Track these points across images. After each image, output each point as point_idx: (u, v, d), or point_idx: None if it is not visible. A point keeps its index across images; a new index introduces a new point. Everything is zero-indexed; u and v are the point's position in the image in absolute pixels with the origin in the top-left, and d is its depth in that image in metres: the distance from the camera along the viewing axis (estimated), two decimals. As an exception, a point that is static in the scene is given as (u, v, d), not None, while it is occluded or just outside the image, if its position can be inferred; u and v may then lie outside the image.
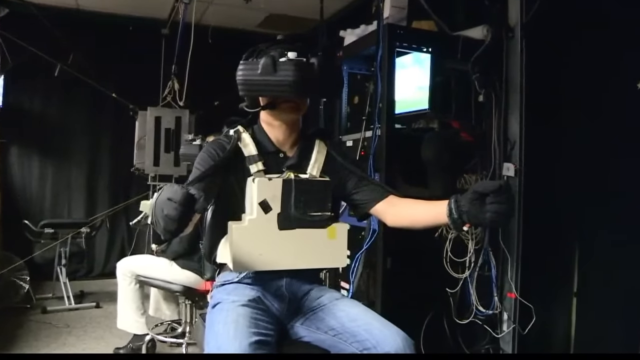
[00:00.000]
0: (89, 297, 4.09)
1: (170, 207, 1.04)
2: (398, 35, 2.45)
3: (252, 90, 1.37)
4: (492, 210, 1.19)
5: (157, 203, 1.06)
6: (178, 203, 1.04)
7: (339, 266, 1.47)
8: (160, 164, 4.13)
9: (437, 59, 2.50)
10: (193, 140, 3.02)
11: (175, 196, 1.04)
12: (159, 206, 1.06)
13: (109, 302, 3.88)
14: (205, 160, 1.42)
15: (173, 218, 1.04)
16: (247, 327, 1.28)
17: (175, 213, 1.04)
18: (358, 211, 1.54)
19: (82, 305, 3.83)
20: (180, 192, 1.05)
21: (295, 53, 1.36)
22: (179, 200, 1.04)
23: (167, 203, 1.04)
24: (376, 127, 2.42)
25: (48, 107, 4.65)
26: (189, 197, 1.06)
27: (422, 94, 2.50)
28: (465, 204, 1.23)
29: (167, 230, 1.06)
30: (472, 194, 1.22)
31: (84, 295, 4.14)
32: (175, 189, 1.06)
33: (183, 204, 1.04)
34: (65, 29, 4.07)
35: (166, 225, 1.05)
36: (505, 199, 1.19)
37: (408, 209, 1.44)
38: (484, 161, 2.55)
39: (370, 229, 2.32)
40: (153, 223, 1.09)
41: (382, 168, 2.35)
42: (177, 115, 4.18)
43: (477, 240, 2.46)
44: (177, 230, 1.06)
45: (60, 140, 4.69)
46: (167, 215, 1.04)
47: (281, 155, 1.48)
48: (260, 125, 1.51)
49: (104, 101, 4.49)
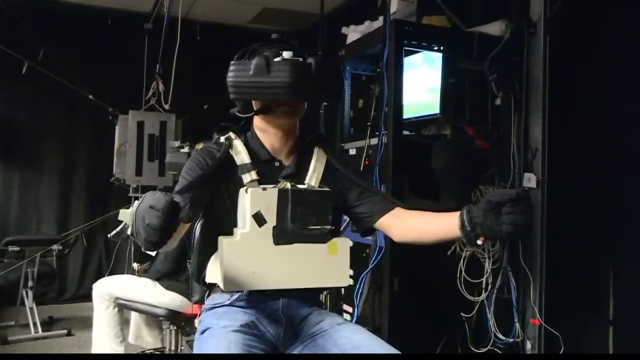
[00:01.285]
0: (60, 324, 4.11)
1: (153, 216, 1.08)
2: (406, 32, 2.52)
3: (244, 93, 1.42)
4: (509, 221, 1.22)
5: (138, 211, 1.10)
6: (161, 211, 1.08)
7: (341, 285, 1.51)
8: (143, 173, 4.18)
9: (449, 58, 2.55)
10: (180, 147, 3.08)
11: (158, 204, 1.08)
12: (139, 215, 1.10)
13: (82, 329, 3.91)
14: (193, 170, 1.46)
15: (155, 227, 1.08)
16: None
17: (158, 222, 1.07)
18: (361, 225, 1.58)
19: (51, 333, 3.83)
20: (164, 199, 1.09)
21: (291, 52, 1.41)
22: (162, 208, 1.08)
23: (148, 211, 1.08)
24: (382, 134, 2.47)
25: (14, 110, 4.70)
26: (172, 204, 1.10)
27: (433, 97, 2.56)
28: (479, 215, 1.26)
29: (148, 241, 1.10)
30: (487, 204, 1.25)
31: (53, 322, 4.16)
32: (157, 196, 1.10)
33: (166, 212, 1.08)
34: (34, 21, 4.09)
35: (148, 236, 1.09)
36: (523, 209, 1.22)
37: (416, 221, 1.48)
38: (502, 171, 2.60)
39: (375, 246, 2.37)
40: (133, 234, 1.13)
41: (389, 179, 2.40)
42: (162, 120, 4.24)
43: (495, 259, 2.50)
44: (159, 241, 1.10)
45: (29, 147, 4.72)
46: (149, 224, 1.08)
47: (276, 164, 1.53)
48: (254, 131, 1.56)
49: (80, 103, 4.54)
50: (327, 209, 1.45)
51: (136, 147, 4.18)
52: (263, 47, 1.48)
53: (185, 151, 3.03)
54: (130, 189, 4.22)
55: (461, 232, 1.30)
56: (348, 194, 1.57)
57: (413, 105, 2.61)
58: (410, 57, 2.62)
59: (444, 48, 2.58)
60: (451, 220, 1.34)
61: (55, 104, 4.71)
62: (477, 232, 1.28)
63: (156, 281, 2.88)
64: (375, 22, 2.86)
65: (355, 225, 1.67)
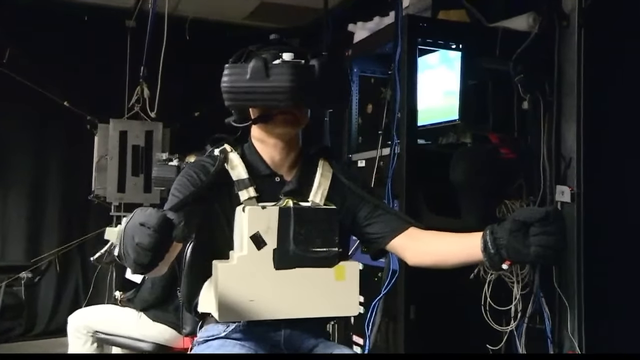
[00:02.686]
0: (29, 365, 4.10)
1: (144, 234, 1.11)
2: (421, 28, 2.57)
3: (240, 99, 1.46)
4: (538, 243, 1.24)
5: (127, 229, 1.13)
6: (153, 229, 1.11)
7: (350, 315, 1.53)
8: (127, 189, 4.21)
9: (469, 58, 2.60)
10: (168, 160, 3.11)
11: (150, 220, 1.11)
12: (129, 233, 1.13)
13: (56, 368, 3.91)
14: (184, 186, 1.50)
15: (146, 247, 1.11)
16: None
17: (150, 241, 1.10)
18: (372, 247, 1.62)
19: (18, 377, 3.82)
20: (156, 215, 1.12)
21: (292, 54, 1.44)
22: (154, 225, 1.11)
23: (139, 229, 1.11)
24: (395, 143, 2.51)
25: (-24, 118, 4.69)
26: (166, 221, 1.13)
27: (451, 100, 2.60)
28: (504, 236, 1.29)
29: (138, 263, 1.13)
30: (513, 224, 1.28)
31: (20, 363, 4.15)
32: (149, 212, 1.13)
33: (159, 230, 1.11)
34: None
35: (137, 257, 1.12)
36: (554, 229, 1.24)
37: (433, 243, 1.51)
38: (531, 184, 2.63)
39: (388, 270, 2.40)
40: (121, 255, 1.16)
41: (402, 194, 2.44)
42: (147, 129, 4.28)
43: (525, 283, 2.52)
44: (150, 263, 1.13)
45: (-7, 160, 4.72)
46: (140, 243, 1.11)
47: (277, 179, 1.56)
48: (252, 142, 1.60)
49: (53, 111, 4.54)
50: (334, 229, 1.48)
51: (118, 160, 4.22)
52: (261, 49, 1.52)
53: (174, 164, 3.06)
54: (111, 207, 4.24)
55: (484, 255, 1.33)
56: (357, 212, 1.61)
57: (429, 110, 2.65)
58: (426, 56, 2.67)
59: (463, 46, 2.63)
60: (473, 241, 1.37)
61: (24, 112, 4.66)
62: (502, 255, 1.30)
63: (142, 312, 2.90)
64: (385, 18, 2.91)
65: (365, 247, 1.70)
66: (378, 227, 1.58)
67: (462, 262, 1.45)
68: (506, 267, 1.33)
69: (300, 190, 1.55)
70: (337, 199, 1.58)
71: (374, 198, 1.62)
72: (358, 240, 1.81)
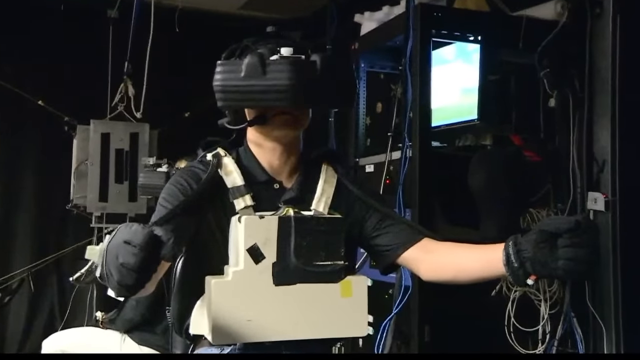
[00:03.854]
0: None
1: (128, 253, 1.13)
2: (435, 18, 2.59)
3: (234, 99, 1.47)
4: (567, 256, 1.26)
5: (110, 248, 1.16)
6: (139, 247, 1.13)
7: (358, 335, 1.54)
8: (109, 198, 4.22)
9: (489, 50, 2.62)
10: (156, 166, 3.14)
11: (135, 238, 1.14)
12: (112, 252, 1.15)
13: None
14: (174, 195, 1.52)
15: (132, 267, 1.13)
16: None
17: (135, 260, 1.13)
18: (382, 261, 1.63)
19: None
20: (142, 232, 1.15)
21: (291, 49, 1.47)
22: (140, 243, 1.14)
23: (123, 247, 1.14)
24: (406, 146, 2.53)
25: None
26: (153, 239, 1.16)
27: (469, 98, 2.62)
28: (529, 248, 1.30)
29: (122, 284, 1.16)
30: (539, 235, 1.29)
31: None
32: (134, 229, 1.16)
33: (145, 249, 1.14)
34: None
35: (122, 279, 1.15)
36: (584, 241, 1.26)
37: (450, 256, 1.53)
38: (559, 190, 2.65)
39: (400, 286, 2.41)
40: (103, 276, 1.19)
41: (415, 202, 2.46)
42: (132, 132, 4.29)
43: (554, 301, 2.53)
44: (136, 284, 1.16)
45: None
46: (124, 264, 1.14)
47: (276, 186, 1.59)
48: (248, 146, 1.62)
49: (26, 112, 4.54)
50: (339, 241, 1.50)
51: (100, 165, 4.22)
52: (257, 43, 1.54)
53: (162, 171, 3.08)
54: (92, 218, 4.25)
55: (506, 269, 1.34)
56: (365, 222, 1.63)
57: (444, 109, 2.67)
58: (440, 49, 2.69)
59: (482, 37, 2.65)
60: (493, 254, 1.38)
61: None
62: (527, 270, 1.31)
63: (126, 334, 2.91)
64: (395, 7, 2.94)
65: (374, 261, 1.72)
66: (388, 239, 1.60)
67: (482, 277, 1.47)
68: (531, 283, 1.34)
69: (302, 197, 1.57)
70: (343, 208, 1.60)
71: (383, 206, 1.64)
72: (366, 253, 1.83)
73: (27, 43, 4.59)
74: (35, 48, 4.61)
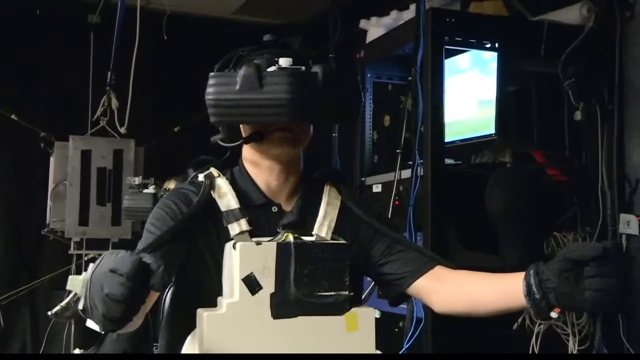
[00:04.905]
0: None
1: (115, 283, 1.14)
2: (448, 25, 2.62)
3: (228, 114, 1.48)
4: (594, 286, 1.26)
5: (95, 277, 1.17)
6: (126, 276, 1.14)
7: (364, 374, 1.55)
8: (90, 222, 4.21)
9: (508, 59, 2.64)
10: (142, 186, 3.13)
11: (122, 266, 1.15)
12: (96, 282, 1.16)
13: None
14: (163, 219, 1.53)
15: (119, 298, 1.14)
16: None
17: (122, 291, 1.14)
18: (391, 290, 1.64)
19: None
20: (129, 260, 1.16)
21: (290, 59, 1.48)
22: (128, 271, 1.14)
23: (109, 277, 1.15)
24: (417, 164, 2.55)
25: None
26: (141, 267, 1.17)
27: (486, 111, 2.63)
28: (552, 278, 1.31)
29: (108, 317, 1.16)
30: (562, 262, 1.30)
31: None
32: (121, 256, 1.17)
33: (134, 278, 1.14)
34: None
35: (108, 311, 1.15)
36: (614, 270, 1.26)
37: (465, 285, 1.54)
38: (587, 212, 2.65)
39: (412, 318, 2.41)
40: (87, 309, 1.19)
41: (427, 225, 2.47)
42: (115, 148, 4.29)
43: (583, 336, 2.52)
44: (123, 317, 1.16)
45: None
46: (110, 294, 1.14)
47: (274, 209, 1.60)
48: (243, 166, 1.64)
49: None
50: (344, 269, 1.50)
51: (80, 186, 4.22)
52: (253, 53, 1.57)
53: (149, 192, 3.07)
54: (71, 244, 4.23)
55: (527, 301, 1.35)
56: (372, 248, 1.64)
57: (459, 123, 2.69)
58: (454, 58, 2.72)
59: (500, 45, 2.67)
60: (513, 284, 1.39)
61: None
62: (550, 302, 1.32)
63: (106, 373, 2.91)
64: (404, 12, 2.96)
65: (382, 291, 1.73)
66: (397, 266, 1.61)
67: (501, 309, 1.47)
68: (555, 316, 1.34)
69: (302, 221, 1.59)
70: (347, 232, 1.61)
71: (392, 231, 1.65)
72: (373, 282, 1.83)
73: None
74: (7, 56, 4.59)
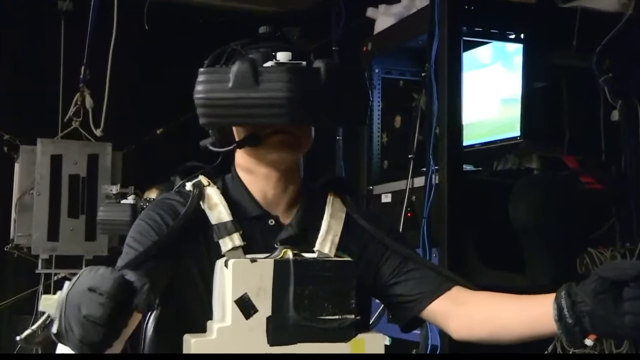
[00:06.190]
0: None
1: (94, 303, 1.15)
2: (467, 12, 2.63)
3: (220, 115, 1.49)
4: (635, 310, 1.26)
5: (71, 297, 1.17)
6: (107, 295, 1.15)
7: (372, 408, 1.55)
8: (61, 237, 4.21)
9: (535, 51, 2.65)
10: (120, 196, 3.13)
11: (102, 284, 1.15)
12: (73, 302, 1.17)
13: None
14: (146, 233, 1.54)
15: (98, 321, 1.14)
16: None
17: (102, 312, 1.14)
18: (402, 314, 1.65)
19: None
20: (110, 277, 1.16)
21: (289, 53, 1.49)
22: (109, 290, 1.15)
23: (87, 296, 1.15)
24: (432, 170, 2.56)
25: None
26: (124, 285, 1.17)
27: (510, 110, 2.65)
28: (587, 300, 1.31)
29: (86, 342, 1.16)
30: (598, 283, 1.30)
31: None
32: (101, 273, 1.17)
33: (115, 297, 1.15)
34: None
35: (85, 334, 1.16)
36: None
37: (486, 309, 1.55)
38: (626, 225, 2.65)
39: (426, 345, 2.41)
40: (61, 332, 1.19)
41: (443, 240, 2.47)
42: (90, 153, 4.28)
43: (623, 365, 2.53)
44: (102, 341, 1.17)
45: None
46: (88, 316, 1.15)
47: (271, 222, 1.61)
48: (236, 173, 1.65)
49: None
50: (349, 290, 1.49)
51: (49, 195, 4.22)
52: (248, 47, 1.58)
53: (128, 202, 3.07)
54: (39, 262, 4.23)
55: (559, 326, 1.35)
56: (381, 267, 1.65)
57: (479, 124, 2.71)
58: (474, 51, 2.74)
59: (526, 35, 2.69)
60: (542, 307, 1.39)
61: None
62: (585, 327, 1.31)
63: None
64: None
65: (392, 314, 1.73)
66: (410, 287, 1.62)
67: (528, 335, 1.47)
68: (591, 344, 1.34)
69: (303, 236, 1.59)
70: (353, 249, 1.62)
71: (404, 247, 1.65)
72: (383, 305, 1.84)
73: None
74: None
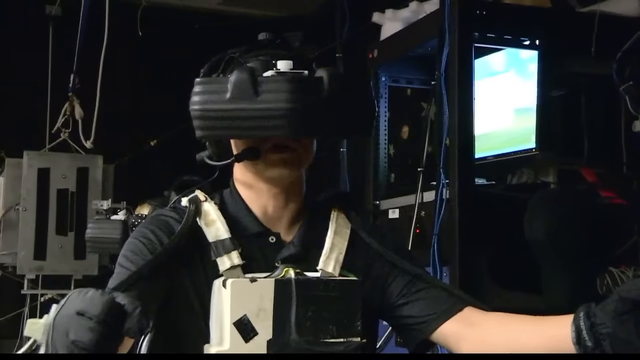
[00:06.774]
0: None
1: (82, 327, 1.15)
2: (479, 17, 2.63)
3: (217, 128, 1.50)
4: None
5: (59, 321, 1.18)
6: (96, 319, 1.15)
7: None
8: (48, 255, 4.21)
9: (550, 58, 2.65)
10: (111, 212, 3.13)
11: (92, 308, 1.16)
12: (61, 326, 1.17)
13: None
14: (139, 252, 1.55)
15: (87, 346, 1.15)
16: None
17: (91, 337, 1.15)
18: (411, 337, 1.64)
19: None
20: (100, 300, 1.17)
21: (290, 62, 1.50)
22: (98, 314, 1.16)
23: (76, 320, 1.16)
24: (442, 184, 2.56)
25: None
26: (114, 308, 1.18)
27: (525, 121, 2.65)
28: (607, 322, 1.32)
29: None
30: (619, 303, 1.31)
31: None
32: (90, 296, 1.18)
33: (104, 322, 1.16)
34: None
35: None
36: None
37: (500, 331, 1.55)
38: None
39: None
40: None
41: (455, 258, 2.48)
42: (80, 166, 4.29)
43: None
44: None
45: None
46: (77, 341, 1.15)
47: (272, 240, 1.61)
48: (235, 188, 1.66)
49: None
50: (355, 311, 1.50)
51: (36, 211, 4.23)
52: (247, 54, 1.59)
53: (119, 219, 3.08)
54: (24, 282, 4.23)
55: (577, 349, 1.36)
56: (388, 286, 1.65)
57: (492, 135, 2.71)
58: (486, 58, 2.74)
59: (542, 42, 2.69)
60: (560, 329, 1.40)
61: None
62: (605, 350, 1.32)
63: None
64: (426, 3, 2.98)
65: (401, 337, 1.73)
66: (419, 308, 1.62)
67: (544, 359, 1.48)
68: None
69: (306, 254, 1.60)
70: (359, 267, 1.62)
71: (412, 265, 1.66)
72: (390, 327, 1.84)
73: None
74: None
